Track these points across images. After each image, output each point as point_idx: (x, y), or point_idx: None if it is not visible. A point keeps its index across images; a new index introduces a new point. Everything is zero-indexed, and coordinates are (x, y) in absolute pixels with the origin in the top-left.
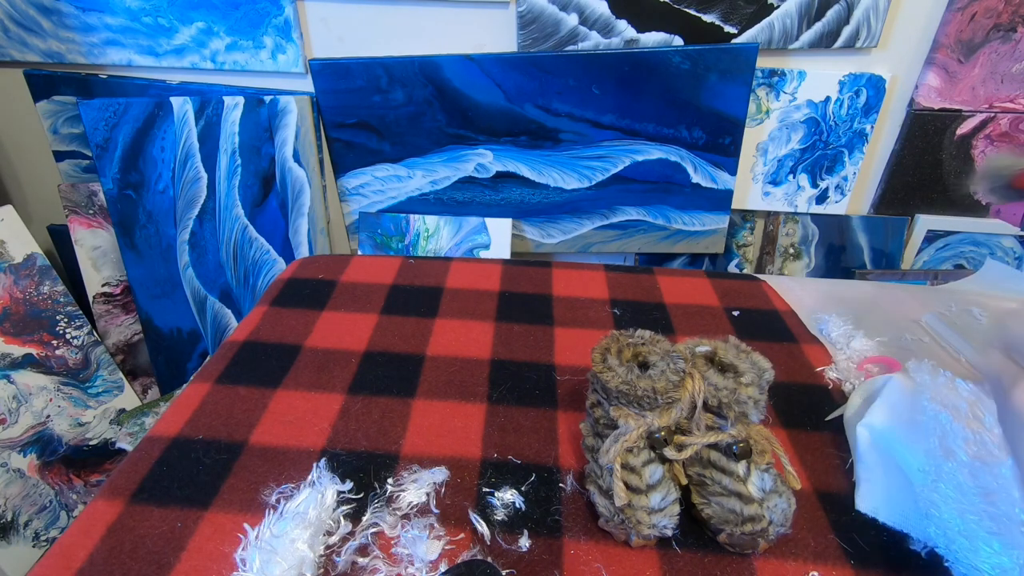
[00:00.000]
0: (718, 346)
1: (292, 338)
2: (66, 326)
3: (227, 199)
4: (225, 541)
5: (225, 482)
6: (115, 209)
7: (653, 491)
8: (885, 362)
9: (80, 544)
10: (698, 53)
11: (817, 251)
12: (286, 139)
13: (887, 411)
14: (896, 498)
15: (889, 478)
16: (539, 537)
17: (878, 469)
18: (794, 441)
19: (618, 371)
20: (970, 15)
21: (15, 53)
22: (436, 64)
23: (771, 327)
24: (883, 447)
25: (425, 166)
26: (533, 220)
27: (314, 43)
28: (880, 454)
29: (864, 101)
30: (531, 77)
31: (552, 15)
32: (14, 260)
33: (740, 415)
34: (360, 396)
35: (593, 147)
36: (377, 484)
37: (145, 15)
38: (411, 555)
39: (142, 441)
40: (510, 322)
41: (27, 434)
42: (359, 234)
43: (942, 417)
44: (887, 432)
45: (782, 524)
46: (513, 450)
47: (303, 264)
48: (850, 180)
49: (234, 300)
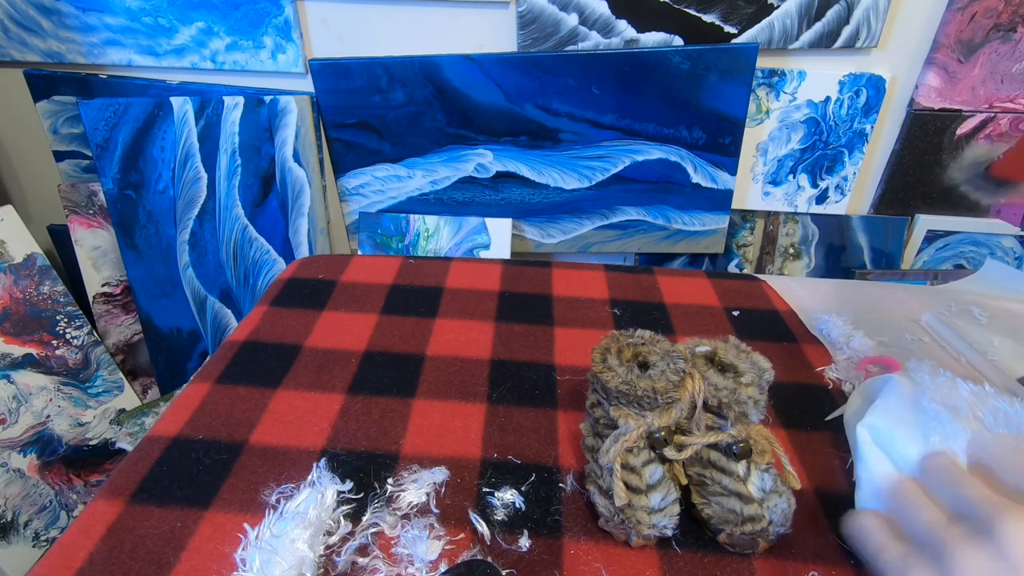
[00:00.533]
0: (718, 346)
1: (292, 338)
2: (66, 326)
3: (227, 199)
4: (225, 541)
5: (225, 482)
6: (115, 209)
7: (653, 491)
8: (885, 362)
9: (80, 544)
10: (698, 53)
11: (817, 251)
12: (286, 139)
13: (887, 411)
14: None
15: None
16: (539, 537)
17: (878, 469)
18: (794, 441)
19: (618, 371)
20: (970, 15)
21: (15, 53)
22: (436, 64)
23: (771, 327)
24: (883, 447)
25: (425, 166)
26: (533, 220)
27: (314, 43)
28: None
29: (864, 101)
30: (531, 77)
31: (552, 15)
32: (14, 260)
33: (740, 415)
34: (360, 396)
35: (593, 147)
36: (377, 484)
37: (145, 15)
38: (411, 555)
39: (142, 441)
40: (510, 322)
41: (27, 434)
42: (359, 234)
43: (942, 417)
44: (887, 432)
45: (782, 524)
46: (513, 450)
47: (303, 264)
48: (850, 180)
49: (234, 300)
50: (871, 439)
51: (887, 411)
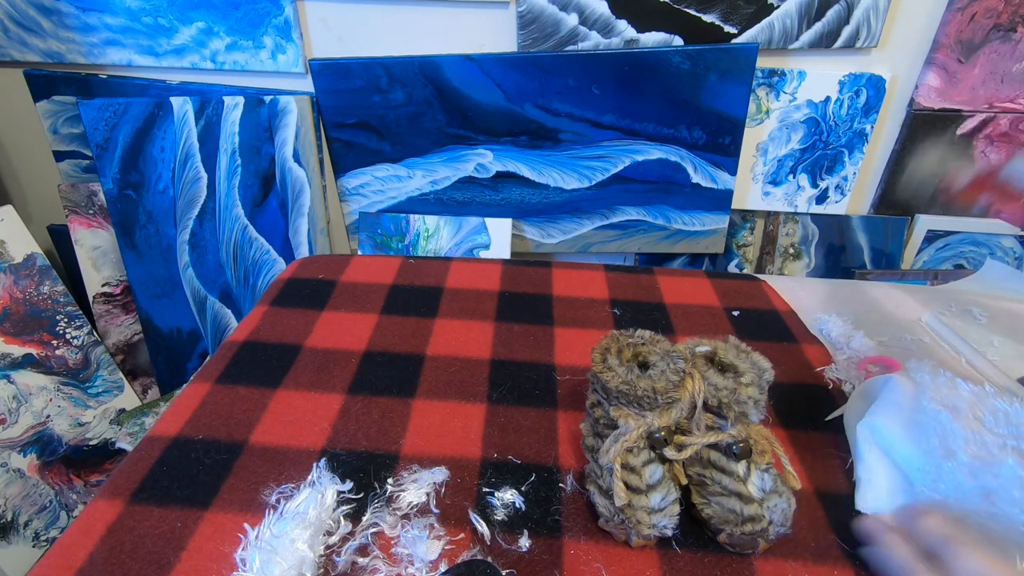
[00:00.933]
0: (718, 346)
1: (292, 338)
2: (66, 326)
3: (227, 199)
4: (225, 541)
5: (225, 482)
6: (115, 209)
7: (653, 491)
8: (885, 362)
9: (80, 544)
10: (698, 53)
11: (817, 251)
12: (286, 139)
13: (887, 411)
14: (897, 498)
15: (890, 478)
16: (539, 537)
17: (879, 469)
18: (794, 441)
19: (618, 371)
20: (970, 15)
21: (15, 53)
22: (436, 64)
23: (771, 327)
24: (883, 447)
25: (425, 166)
26: (533, 220)
27: (314, 43)
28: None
29: (864, 101)
30: (531, 77)
31: (552, 15)
32: (14, 260)
33: (740, 415)
34: (360, 396)
35: (593, 147)
36: (377, 484)
37: (145, 15)
38: (411, 555)
39: (142, 441)
40: (510, 322)
41: (27, 434)
42: (359, 234)
43: (942, 417)
44: (887, 432)
45: (782, 524)
46: (513, 450)
47: (303, 264)
48: (850, 180)
49: (234, 300)
50: (871, 439)
51: (887, 411)
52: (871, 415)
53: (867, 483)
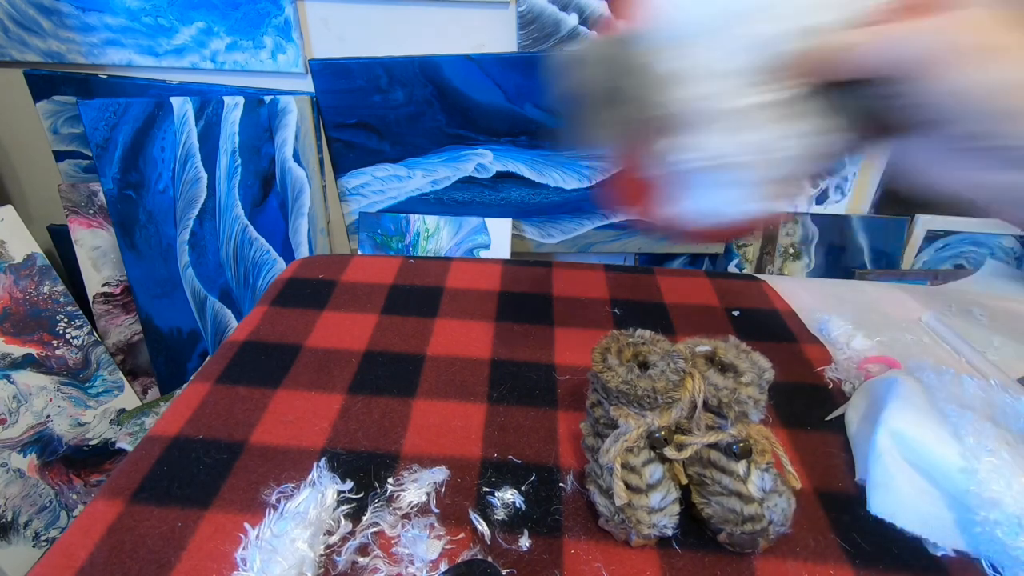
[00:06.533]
0: (718, 346)
1: (292, 338)
2: (66, 326)
3: (227, 199)
4: (225, 541)
5: (225, 482)
6: (115, 209)
7: (653, 491)
8: (885, 362)
9: (80, 544)
10: None
11: (817, 251)
12: (286, 139)
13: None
14: (916, 503)
15: (912, 483)
16: (539, 537)
17: (899, 474)
18: (794, 441)
19: (618, 371)
20: None
21: (15, 53)
22: (436, 64)
23: (771, 327)
24: (909, 452)
25: (425, 166)
26: (533, 220)
27: (314, 43)
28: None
29: None
30: (531, 77)
31: (552, 15)
32: (14, 260)
33: (740, 415)
34: (360, 396)
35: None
36: (377, 484)
37: (145, 15)
38: (411, 554)
39: (142, 441)
40: (510, 322)
41: (27, 434)
42: (359, 234)
43: (968, 416)
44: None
45: (782, 524)
46: (513, 450)
47: (303, 264)
48: (850, 180)
49: (234, 300)
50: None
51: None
52: (893, 419)
53: (884, 487)
